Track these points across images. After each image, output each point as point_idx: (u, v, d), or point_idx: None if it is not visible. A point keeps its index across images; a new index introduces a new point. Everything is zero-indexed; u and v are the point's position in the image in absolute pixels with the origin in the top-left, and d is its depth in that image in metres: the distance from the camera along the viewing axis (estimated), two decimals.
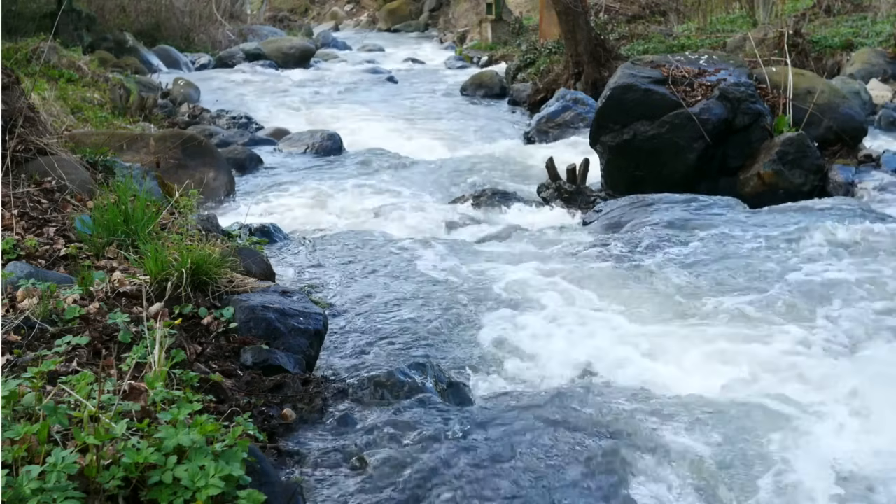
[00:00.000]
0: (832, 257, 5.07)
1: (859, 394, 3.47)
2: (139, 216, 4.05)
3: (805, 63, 10.84)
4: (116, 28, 17.67)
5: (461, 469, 2.86)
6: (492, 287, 4.87)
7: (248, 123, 11.39)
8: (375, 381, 3.41)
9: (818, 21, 14.24)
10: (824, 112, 7.46)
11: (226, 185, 7.75)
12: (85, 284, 3.43)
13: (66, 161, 4.92)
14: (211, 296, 3.68)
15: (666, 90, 7.33)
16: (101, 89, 10.73)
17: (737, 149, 7.20)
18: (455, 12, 28.64)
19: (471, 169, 8.64)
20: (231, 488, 2.13)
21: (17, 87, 5.13)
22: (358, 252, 5.63)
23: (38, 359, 2.69)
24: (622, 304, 4.56)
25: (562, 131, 10.07)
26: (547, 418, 3.25)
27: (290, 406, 3.17)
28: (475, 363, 3.96)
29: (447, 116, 12.60)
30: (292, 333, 3.62)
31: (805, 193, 6.81)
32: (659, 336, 4.14)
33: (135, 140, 7.30)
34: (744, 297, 4.58)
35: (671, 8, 17.96)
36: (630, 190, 7.01)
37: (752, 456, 3.05)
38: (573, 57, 12.23)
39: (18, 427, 2.11)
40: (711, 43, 13.22)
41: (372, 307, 4.66)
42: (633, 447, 3.06)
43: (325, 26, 32.13)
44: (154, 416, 2.39)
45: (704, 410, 3.37)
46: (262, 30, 25.19)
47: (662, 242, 5.53)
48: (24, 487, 1.93)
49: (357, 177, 8.43)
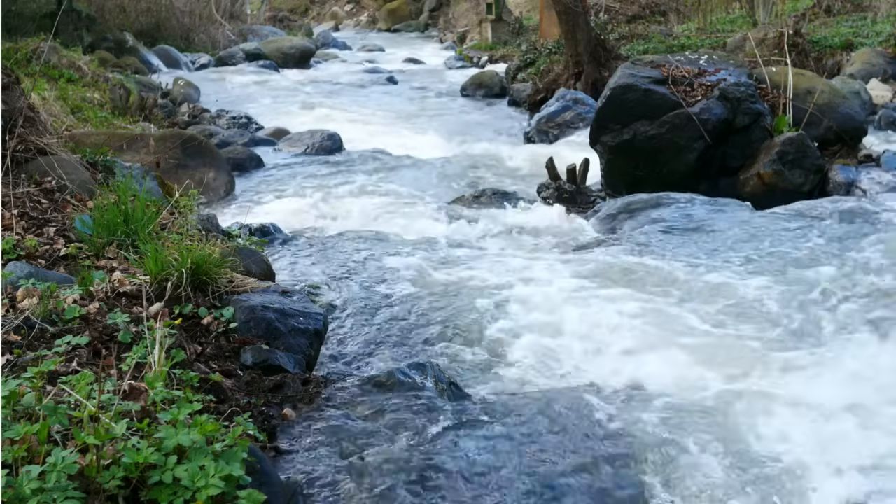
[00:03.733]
0: (832, 257, 5.07)
1: (858, 392, 3.47)
2: (139, 216, 4.05)
3: (805, 63, 10.84)
4: (116, 28, 17.67)
5: (461, 469, 2.86)
6: (492, 287, 4.87)
7: (248, 123, 11.38)
8: (375, 381, 3.41)
9: (818, 21, 14.23)
10: (824, 112, 7.45)
11: (226, 185, 7.76)
12: (85, 284, 3.43)
13: (66, 161, 4.92)
14: (211, 296, 3.68)
15: (666, 90, 7.32)
16: (101, 89, 10.73)
17: (737, 149, 7.19)
18: (455, 12, 28.65)
19: (471, 169, 8.65)
20: (231, 488, 2.13)
21: (17, 87, 5.13)
22: (358, 252, 5.63)
23: (38, 359, 2.69)
24: (622, 304, 4.56)
25: (562, 131, 10.07)
26: (547, 418, 3.25)
27: (290, 406, 3.17)
28: (475, 363, 3.97)
29: (447, 116, 12.60)
30: (292, 333, 3.62)
31: (805, 193, 6.80)
32: (660, 336, 4.13)
33: (135, 140, 7.30)
34: (744, 296, 4.59)
35: (671, 8, 17.96)
36: (630, 190, 7.01)
37: (753, 455, 3.06)
38: (573, 57, 12.23)
39: (18, 427, 2.11)
40: (711, 43, 13.21)
41: (372, 307, 4.66)
42: (634, 447, 3.06)
43: (325, 26, 32.15)
44: (154, 416, 2.39)
45: (705, 410, 3.37)
46: (262, 30, 25.21)
47: (662, 242, 5.54)
48: (24, 487, 1.93)
49: (357, 176, 8.43)
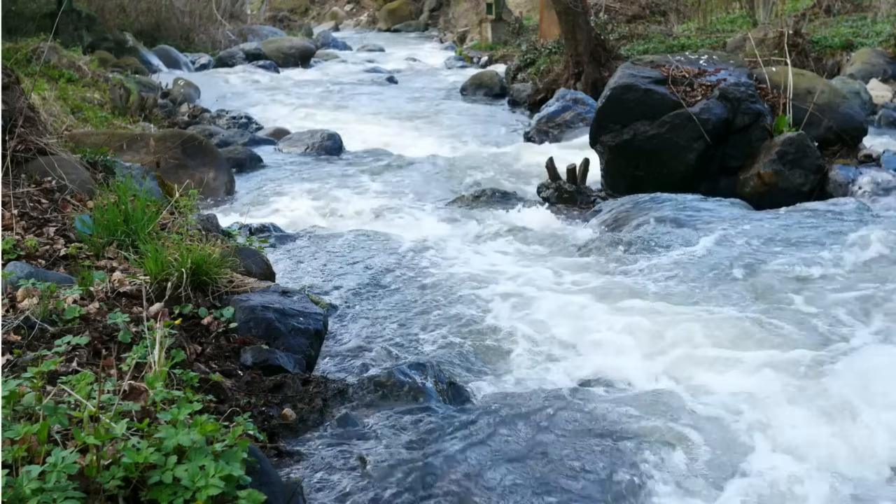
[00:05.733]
0: (832, 256, 5.07)
1: (857, 392, 3.47)
2: (139, 216, 4.05)
3: (805, 63, 10.84)
4: (116, 28, 17.66)
5: (461, 469, 2.86)
6: (492, 287, 4.87)
7: (248, 123, 11.39)
8: (375, 381, 3.41)
9: (818, 21, 14.24)
10: (824, 112, 7.45)
11: (226, 185, 7.76)
12: (85, 284, 3.43)
13: (66, 161, 4.92)
14: (211, 296, 3.68)
15: (666, 90, 7.33)
16: (101, 89, 10.73)
17: (737, 149, 7.19)
18: (455, 12, 28.64)
19: (471, 169, 8.64)
20: (231, 488, 2.13)
21: (17, 87, 5.13)
22: (358, 252, 5.63)
23: (38, 359, 2.69)
24: (623, 304, 4.56)
25: (562, 131, 10.07)
26: (547, 418, 3.25)
27: (290, 406, 3.16)
28: (475, 363, 3.97)
29: (447, 116, 12.60)
30: (292, 333, 3.62)
31: (805, 193, 6.80)
32: (660, 336, 4.13)
33: (135, 140, 7.31)
34: (743, 297, 4.58)
35: (671, 8, 17.95)
36: (630, 190, 7.01)
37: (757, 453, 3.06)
38: (573, 57, 12.23)
39: (18, 427, 2.11)
40: (711, 43, 13.22)
41: (372, 307, 4.67)
42: (635, 447, 3.06)
43: (325, 26, 32.12)
44: (154, 416, 2.39)
45: (706, 410, 3.37)
46: (262, 30, 25.19)
47: (662, 242, 5.53)
48: (24, 487, 1.93)
49: (357, 177, 8.43)
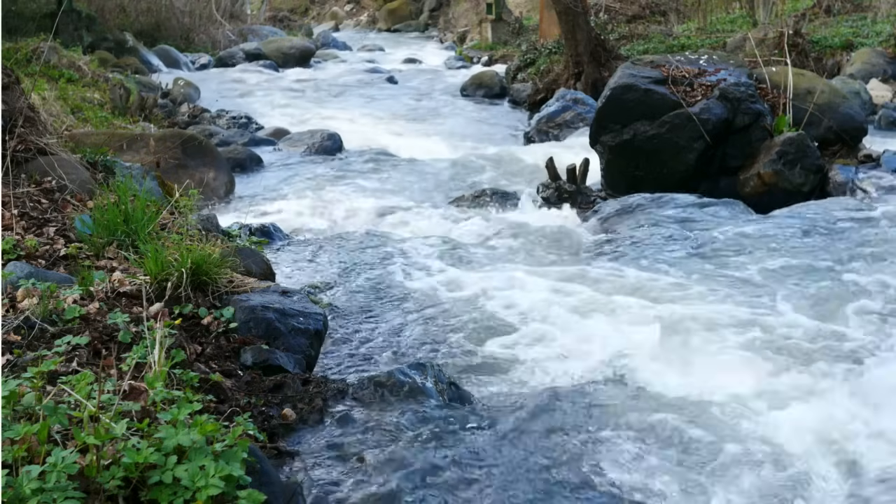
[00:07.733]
0: (832, 257, 5.07)
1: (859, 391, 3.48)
2: (139, 216, 4.05)
3: (805, 63, 10.84)
4: (116, 28, 17.67)
5: (461, 469, 2.86)
6: (491, 287, 4.87)
7: (248, 123, 11.38)
8: (375, 381, 3.41)
9: (818, 21, 14.23)
10: (824, 112, 7.45)
11: (226, 185, 7.76)
12: (85, 284, 3.43)
13: (66, 161, 4.92)
14: (211, 296, 3.67)
15: (666, 90, 7.32)
16: (101, 89, 10.73)
17: (737, 149, 7.19)
18: (455, 12, 28.64)
19: (471, 169, 8.64)
20: (231, 488, 2.13)
21: (17, 87, 5.13)
22: (358, 252, 5.63)
23: (38, 359, 2.69)
24: (623, 304, 4.56)
25: (562, 131, 10.07)
26: (547, 418, 3.25)
27: (290, 406, 3.16)
28: (475, 363, 3.97)
29: (447, 116, 12.60)
30: (292, 333, 3.62)
31: (805, 193, 6.80)
32: (661, 336, 4.13)
33: (135, 140, 7.30)
34: (744, 296, 4.58)
35: (671, 8, 17.95)
36: (630, 190, 7.01)
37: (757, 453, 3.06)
38: (573, 57, 12.23)
39: (18, 427, 2.11)
40: (711, 43, 13.21)
41: (372, 307, 4.67)
42: (637, 447, 3.06)
43: (325, 26, 32.11)
44: (154, 416, 2.38)
45: (707, 410, 3.37)
46: (262, 30, 25.19)
47: (662, 242, 5.54)
48: (24, 487, 1.93)
49: (357, 177, 8.43)
